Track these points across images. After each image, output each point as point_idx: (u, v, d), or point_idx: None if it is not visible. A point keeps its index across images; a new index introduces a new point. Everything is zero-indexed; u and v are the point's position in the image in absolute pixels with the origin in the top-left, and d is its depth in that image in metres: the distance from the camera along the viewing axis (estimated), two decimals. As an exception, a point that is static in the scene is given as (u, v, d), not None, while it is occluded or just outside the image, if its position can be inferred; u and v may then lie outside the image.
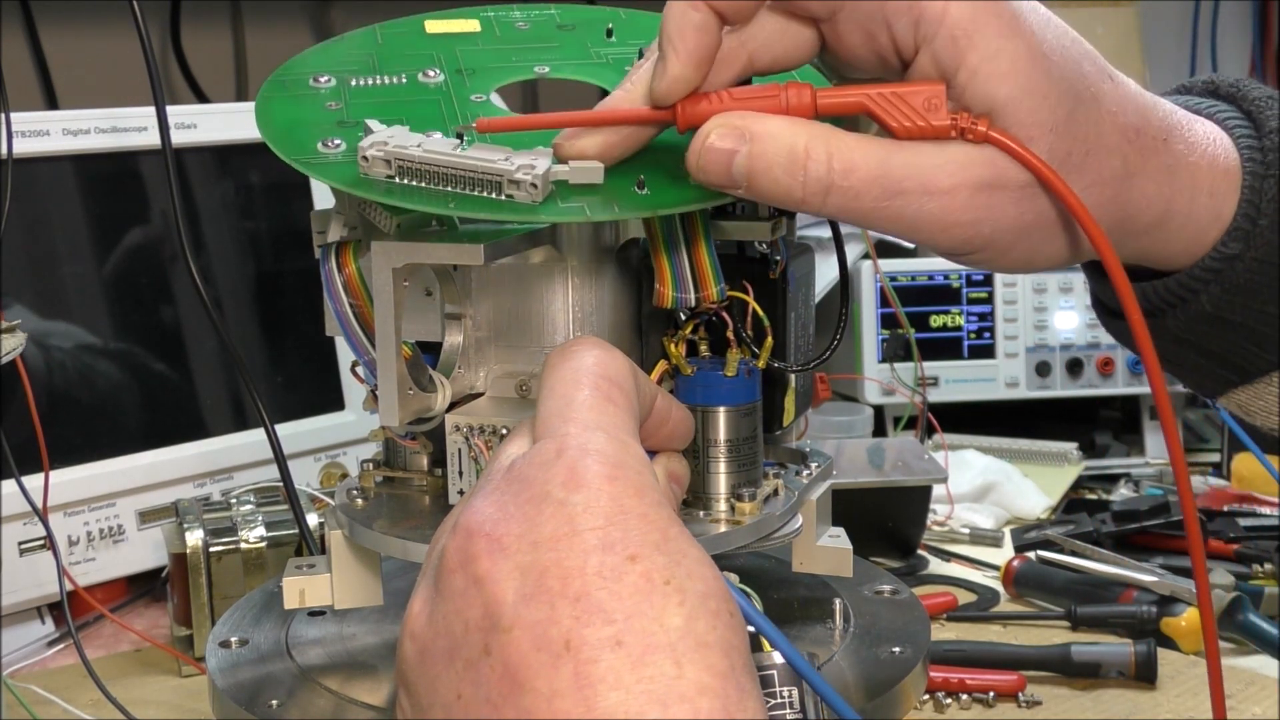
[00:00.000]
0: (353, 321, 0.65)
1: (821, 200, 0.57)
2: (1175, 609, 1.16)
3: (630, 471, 0.50)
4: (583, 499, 0.49)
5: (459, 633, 0.48)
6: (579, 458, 0.50)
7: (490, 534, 0.49)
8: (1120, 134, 0.60)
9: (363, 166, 0.60)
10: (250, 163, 1.37)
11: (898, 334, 1.62)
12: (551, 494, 0.49)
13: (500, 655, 0.47)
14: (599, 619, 0.46)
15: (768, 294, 0.68)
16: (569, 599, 0.46)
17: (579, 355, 0.55)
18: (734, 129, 0.57)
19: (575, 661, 0.45)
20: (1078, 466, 1.59)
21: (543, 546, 0.48)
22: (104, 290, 1.29)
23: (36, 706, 1.05)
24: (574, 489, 0.49)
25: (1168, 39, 2.46)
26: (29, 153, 1.21)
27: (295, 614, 0.75)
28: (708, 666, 0.46)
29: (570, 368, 0.55)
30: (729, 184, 0.58)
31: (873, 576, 0.78)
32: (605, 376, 0.54)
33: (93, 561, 1.23)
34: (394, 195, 0.60)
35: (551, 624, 0.46)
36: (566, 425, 0.52)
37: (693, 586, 0.48)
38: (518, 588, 0.47)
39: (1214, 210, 0.63)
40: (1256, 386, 0.66)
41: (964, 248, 0.59)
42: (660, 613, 0.47)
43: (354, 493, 0.70)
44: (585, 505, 0.49)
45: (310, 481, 1.33)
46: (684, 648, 0.46)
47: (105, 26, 1.60)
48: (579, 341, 0.56)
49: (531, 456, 0.51)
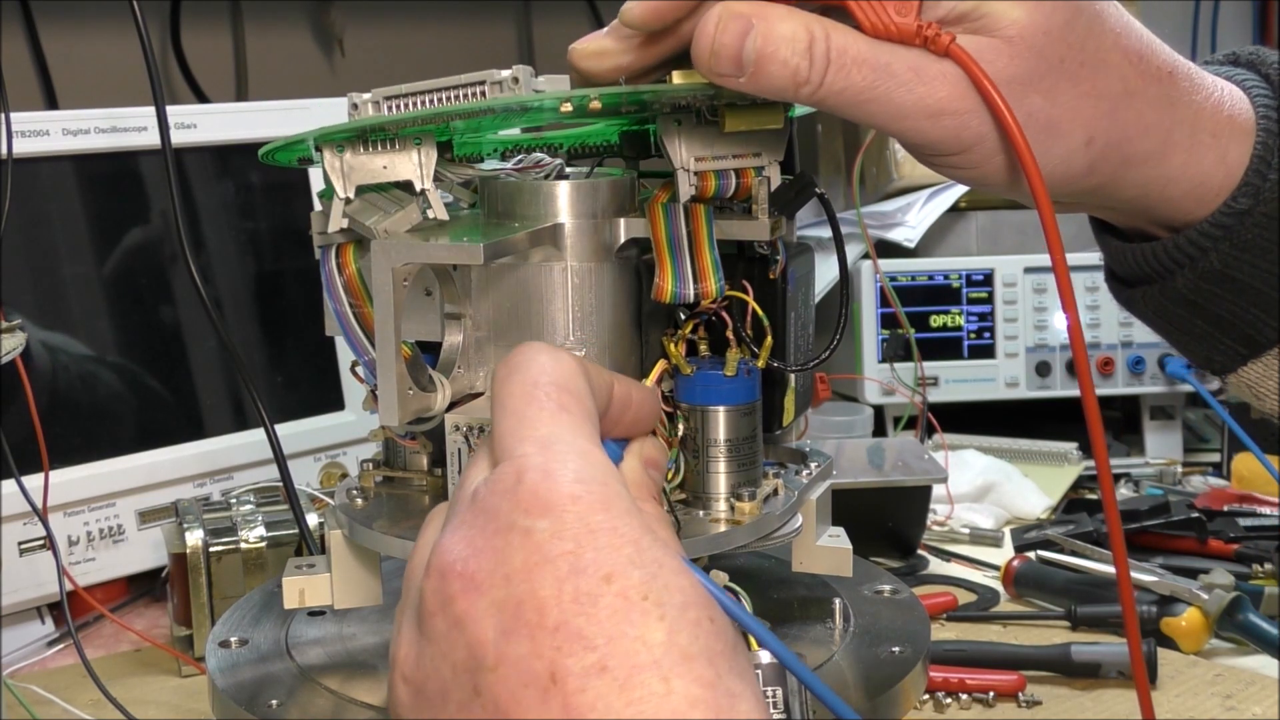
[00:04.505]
0: (353, 321, 0.65)
1: (820, 81, 0.58)
2: (1175, 609, 1.16)
3: (594, 485, 0.49)
4: (549, 524, 0.48)
5: (447, 675, 0.48)
6: (539, 480, 0.49)
7: (463, 573, 0.48)
8: (1122, 54, 0.61)
9: (352, 114, 0.61)
10: (250, 163, 1.37)
11: (898, 334, 1.62)
12: (516, 523, 0.48)
13: (490, 694, 0.47)
14: (580, 646, 0.46)
15: (767, 294, 0.68)
16: (548, 630, 0.46)
17: (525, 366, 0.54)
18: (741, 14, 0.58)
19: (563, 694, 0.45)
20: (1078, 466, 1.59)
21: (515, 579, 0.47)
22: (104, 290, 1.29)
23: (36, 706, 1.05)
24: (538, 515, 0.48)
25: (1168, 39, 2.43)
26: (29, 153, 1.21)
27: (295, 614, 0.75)
28: (695, 678, 0.46)
29: (519, 381, 0.53)
30: (736, 69, 0.58)
31: (873, 576, 0.78)
32: (555, 384, 0.53)
33: (93, 561, 1.23)
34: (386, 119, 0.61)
35: (534, 658, 0.46)
36: (522, 445, 0.51)
37: (671, 599, 0.47)
38: (496, 624, 0.47)
39: (1219, 154, 0.63)
40: (1265, 361, 0.66)
41: (951, 142, 0.59)
42: (641, 631, 0.46)
43: (354, 493, 0.70)
44: (552, 530, 0.48)
45: (310, 481, 1.33)
46: (669, 663, 0.46)
47: (105, 26, 1.61)
48: (523, 350, 0.55)
49: (493, 484, 0.50)
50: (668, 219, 0.64)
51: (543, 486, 0.49)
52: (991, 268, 1.63)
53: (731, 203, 0.68)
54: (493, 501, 0.49)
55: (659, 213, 0.65)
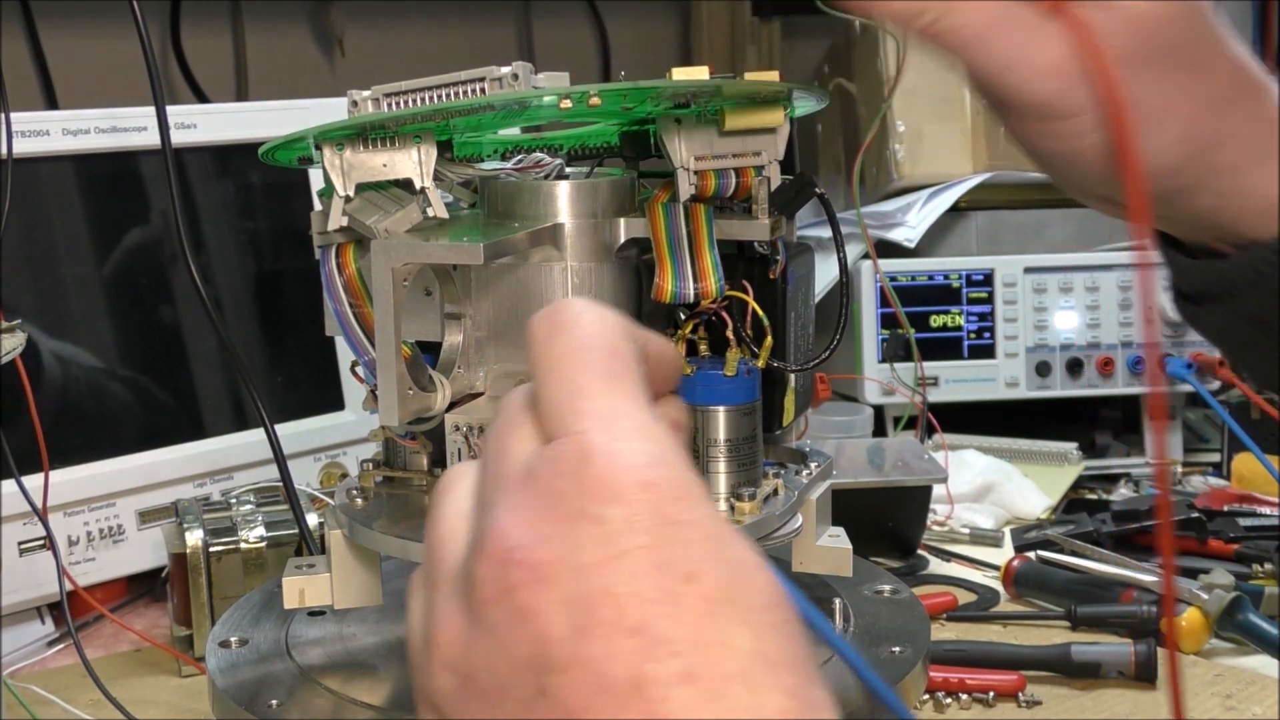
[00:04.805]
0: (353, 321, 0.65)
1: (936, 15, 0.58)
2: (1175, 609, 1.16)
3: (668, 469, 0.45)
4: (623, 513, 0.43)
5: (505, 671, 0.44)
6: (608, 462, 0.44)
7: (527, 561, 0.44)
8: (1228, 60, 0.61)
9: (352, 111, 0.61)
10: (250, 163, 1.37)
11: (898, 334, 1.62)
12: (586, 510, 0.44)
13: (559, 698, 0.42)
14: (664, 651, 0.42)
15: (767, 294, 0.68)
16: (627, 631, 0.42)
17: (571, 326, 0.48)
18: None
19: (645, 702, 0.41)
20: (1078, 466, 1.59)
21: (588, 573, 0.43)
22: (104, 290, 1.29)
23: (36, 706, 1.05)
24: (609, 501, 0.44)
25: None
26: (29, 153, 1.21)
27: (295, 614, 0.75)
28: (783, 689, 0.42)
29: (566, 343, 0.48)
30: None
31: (873, 576, 0.78)
32: (606, 347, 0.48)
33: (93, 561, 1.23)
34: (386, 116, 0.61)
35: (612, 661, 0.42)
36: (582, 419, 0.46)
37: (754, 600, 0.44)
38: (568, 621, 0.43)
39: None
40: None
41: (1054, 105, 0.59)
42: (727, 636, 0.42)
43: (354, 493, 0.70)
44: (627, 520, 0.43)
45: (310, 481, 1.33)
46: (756, 671, 0.42)
47: (105, 26, 1.61)
48: (565, 307, 0.49)
49: (553, 463, 0.45)
50: (668, 219, 0.64)
51: (611, 470, 0.44)
52: (991, 268, 1.63)
53: (731, 203, 0.68)
54: (556, 484, 0.45)
55: (659, 213, 0.65)
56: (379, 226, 0.63)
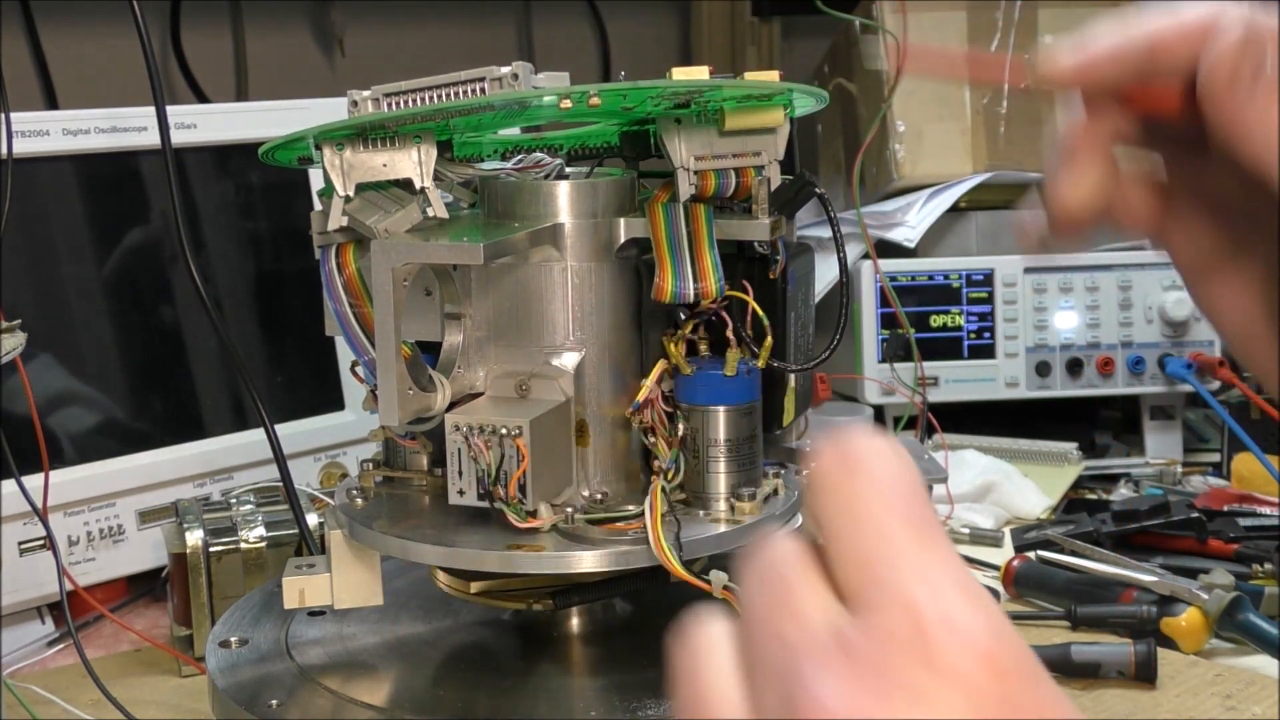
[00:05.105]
0: (353, 321, 0.65)
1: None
2: (1175, 609, 1.16)
3: (1007, 644, 0.40)
4: (967, 700, 0.39)
5: None
6: (945, 637, 0.39)
7: None
8: None
9: (352, 111, 0.61)
10: (250, 163, 1.37)
11: (898, 334, 1.62)
12: (926, 693, 0.38)
13: None
14: None
15: (767, 294, 0.68)
16: None
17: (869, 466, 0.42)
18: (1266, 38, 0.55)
19: None
20: (1078, 466, 1.59)
21: None
22: (104, 290, 1.29)
23: (36, 706, 1.05)
24: (952, 683, 0.39)
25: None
26: (29, 153, 1.21)
27: (295, 614, 0.75)
28: None
29: (869, 486, 0.42)
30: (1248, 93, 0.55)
31: (873, 576, 0.78)
32: (909, 495, 0.42)
33: (93, 561, 1.23)
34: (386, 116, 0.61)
35: None
36: (903, 578, 0.40)
37: None
38: None
39: None
40: None
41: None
42: None
43: (354, 493, 0.70)
44: (976, 707, 0.38)
45: (310, 481, 1.33)
46: None
47: (105, 26, 1.61)
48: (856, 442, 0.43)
49: (879, 632, 0.40)
50: (668, 219, 0.64)
51: (950, 647, 0.39)
52: (991, 268, 1.63)
53: (731, 202, 0.68)
54: (886, 660, 0.39)
55: (659, 212, 0.65)
56: (379, 226, 0.63)
